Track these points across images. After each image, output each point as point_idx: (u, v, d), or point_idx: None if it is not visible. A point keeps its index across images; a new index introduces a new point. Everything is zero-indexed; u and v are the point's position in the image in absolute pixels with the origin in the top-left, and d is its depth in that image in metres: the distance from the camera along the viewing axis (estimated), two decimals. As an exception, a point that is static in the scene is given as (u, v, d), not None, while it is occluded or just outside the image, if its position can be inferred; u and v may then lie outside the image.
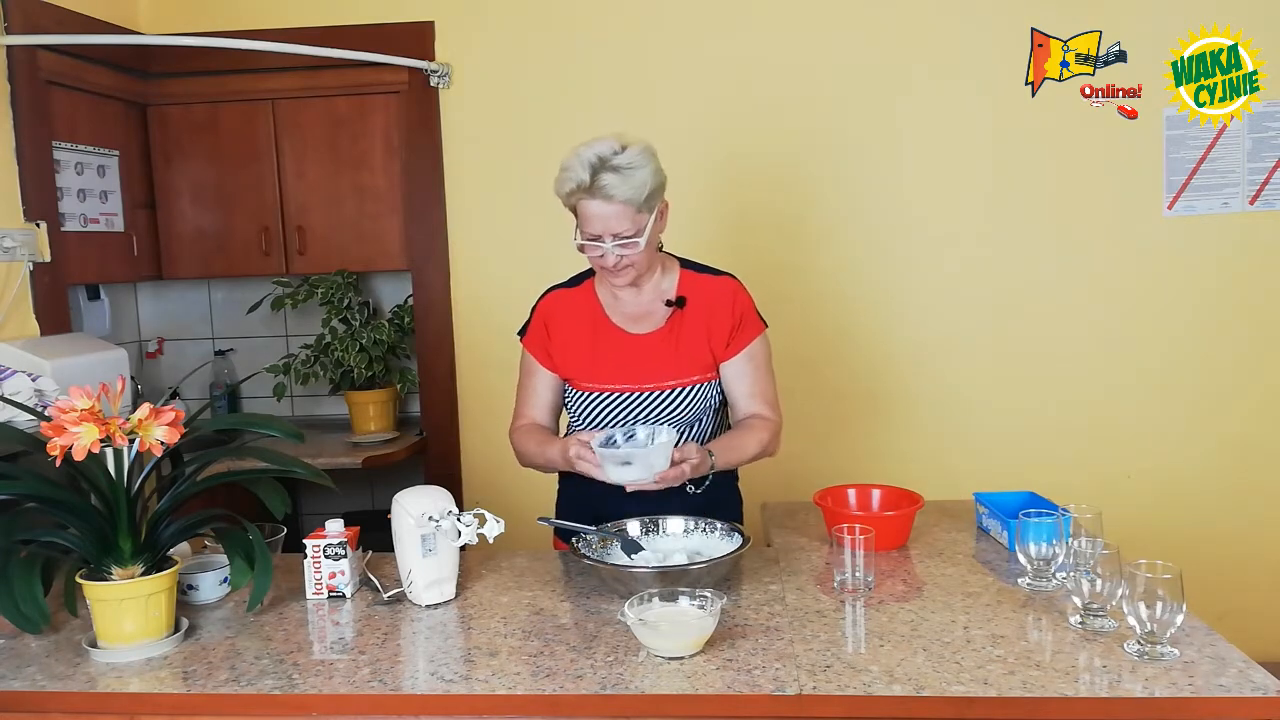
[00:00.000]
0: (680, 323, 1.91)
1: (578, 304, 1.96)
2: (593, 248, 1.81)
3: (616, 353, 1.91)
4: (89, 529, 1.49)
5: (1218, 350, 3.03)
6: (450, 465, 3.26)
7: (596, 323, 1.94)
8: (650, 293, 1.93)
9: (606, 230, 1.77)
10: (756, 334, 1.94)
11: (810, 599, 1.62)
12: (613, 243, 1.78)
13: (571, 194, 1.78)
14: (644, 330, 1.92)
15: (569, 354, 1.94)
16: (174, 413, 1.48)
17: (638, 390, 1.90)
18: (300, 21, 3.06)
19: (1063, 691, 1.28)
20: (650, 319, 1.93)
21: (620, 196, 1.74)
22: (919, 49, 3.00)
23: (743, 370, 1.93)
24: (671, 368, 1.89)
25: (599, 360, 1.92)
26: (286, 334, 3.57)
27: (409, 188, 3.18)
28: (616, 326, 1.93)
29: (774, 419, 1.94)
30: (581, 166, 1.74)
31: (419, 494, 1.66)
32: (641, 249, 1.80)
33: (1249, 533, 3.06)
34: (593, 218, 1.77)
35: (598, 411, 1.93)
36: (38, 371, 2.35)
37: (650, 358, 1.90)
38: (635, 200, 1.75)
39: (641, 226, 1.78)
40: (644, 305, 1.93)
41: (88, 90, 2.92)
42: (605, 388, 1.91)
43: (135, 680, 1.41)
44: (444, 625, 1.56)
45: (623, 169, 1.74)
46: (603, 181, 1.73)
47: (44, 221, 2.64)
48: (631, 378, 1.90)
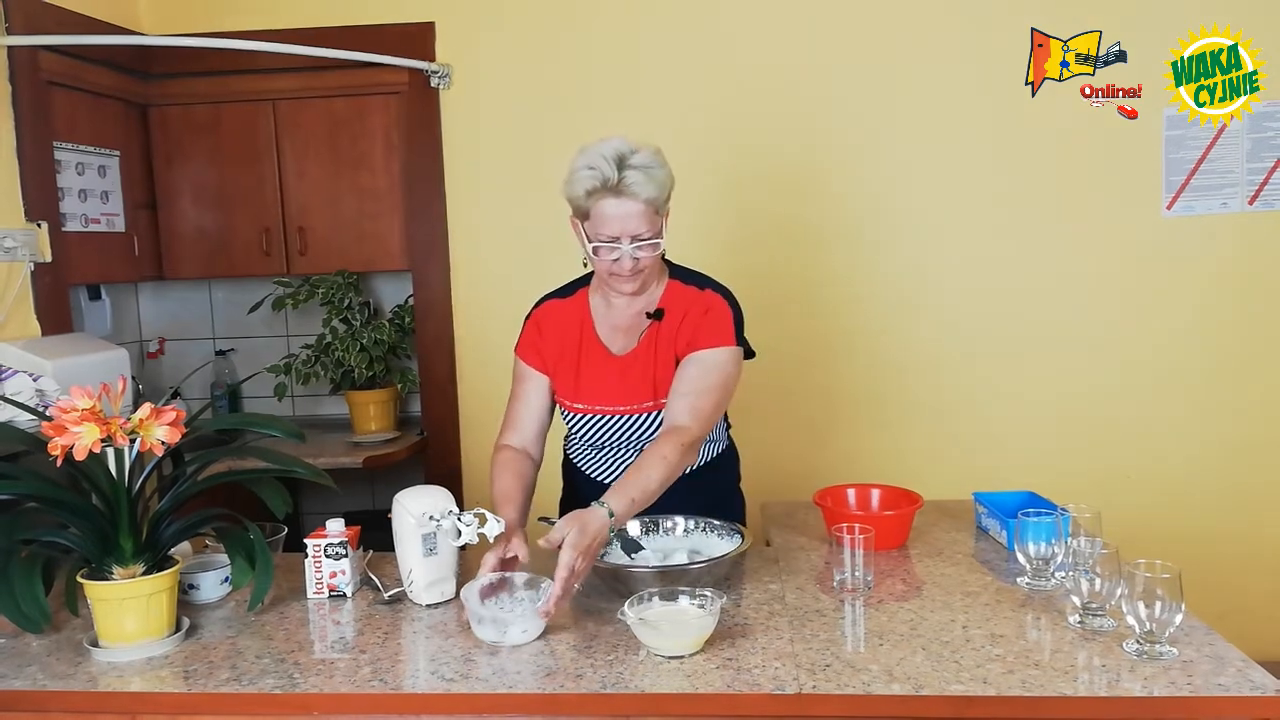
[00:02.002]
0: (657, 338, 1.84)
1: (569, 315, 1.91)
2: (608, 251, 1.72)
3: (598, 373, 1.87)
4: (90, 529, 1.49)
5: (1217, 350, 3.03)
6: (450, 465, 3.26)
7: (584, 337, 1.89)
8: (640, 302, 1.87)
9: (625, 232, 1.70)
10: (717, 344, 1.79)
11: (810, 598, 1.63)
12: (631, 245, 1.71)
13: (592, 193, 1.69)
14: (625, 347, 1.87)
15: (557, 367, 1.91)
16: (175, 413, 1.48)
17: (613, 413, 1.87)
18: (301, 22, 3.07)
19: (1062, 691, 1.28)
20: (632, 332, 1.87)
21: (644, 195, 1.68)
22: (919, 49, 3.00)
23: (685, 370, 1.79)
24: (649, 389, 1.84)
25: (582, 379, 1.88)
26: (287, 334, 3.58)
27: (409, 188, 3.19)
28: (601, 344, 1.88)
29: (690, 428, 1.73)
30: (606, 163, 1.67)
31: (419, 494, 1.67)
32: (660, 251, 1.76)
33: (1248, 533, 3.06)
34: (612, 218, 1.69)
35: (581, 431, 1.93)
36: (39, 371, 2.36)
37: (627, 381, 1.85)
38: (657, 200, 1.70)
39: (658, 228, 1.73)
40: (632, 317, 1.87)
41: (89, 91, 2.92)
42: (588, 409, 1.89)
43: (136, 679, 1.41)
44: (444, 624, 1.57)
45: (644, 167, 1.68)
46: (628, 180, 1.67)
47: (45, 222, 2.64)
48: (609, 399, 1.86)
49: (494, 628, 1.46)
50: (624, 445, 1.90)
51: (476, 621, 1.49)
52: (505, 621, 1.46)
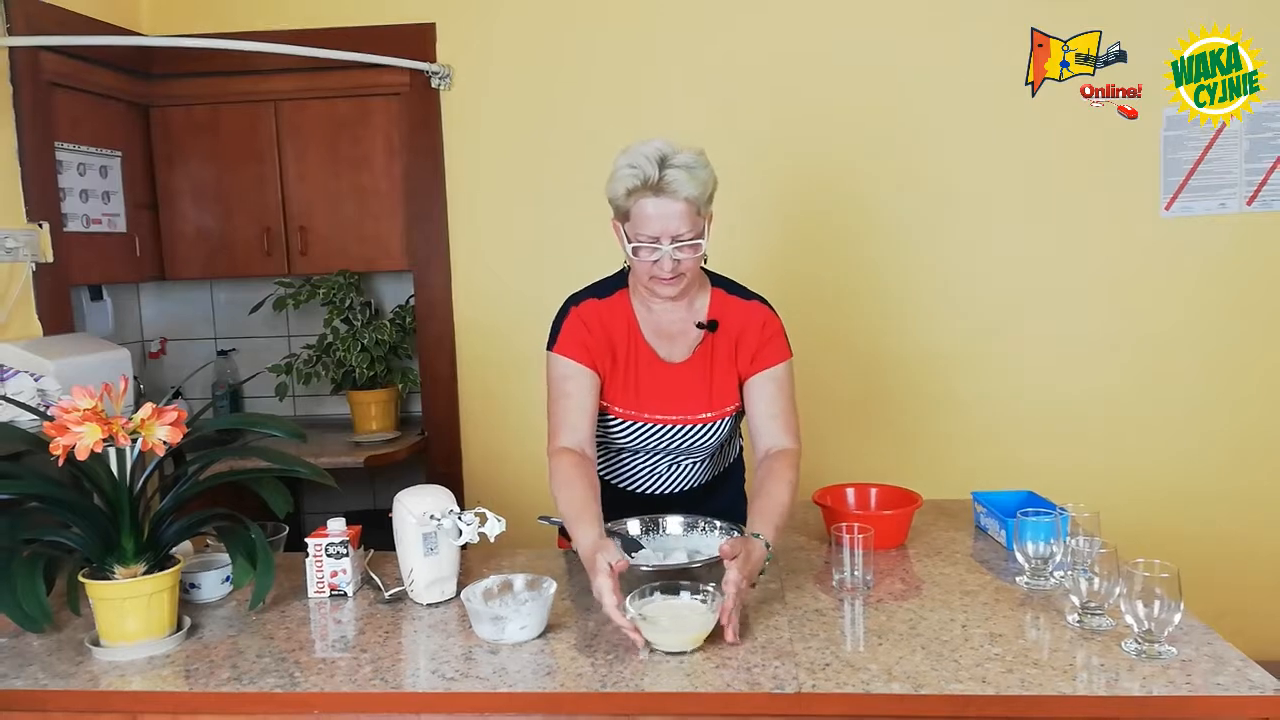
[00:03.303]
0: (712, 348, 1.84)
1: (615, 316, 1.85)
2: (648, 252, 1.70)
3: (652, 381, 1.84)
4: (92, 528, 1.50)
5: (1215, 350, 3.04)
6: (451, 464, 3.26)
7: (632, 342, 1.84)
8: (684, 309, 1.85)
9: (666, 232, 1.68)
10: (783, 359, 1.85)
11: (809, 598, 1.63)
12: (671, 246, 1.68)
13: (633, 192, 1.68)
14: (678, 355, 1.85)
15: (609, 369, 1.84)
16: (176, 412, 1.49)
17: (670, 423, 1.84)
18: (302, 23, 3.07)
19: (1060, 690, 1.28)
20: (683, 340, 1.85)
21: (685, 193, 1.66)
22: (918, 49, 3.00)
23: (764, 389, 1.83)
24: (704, 400, 1.83)
25: (634, 386, 1.84)
26: (288, 334, 3.58)
27: (410, 188, 3.19)
28: (651, 350, 1.84)
29: (794, 448, 1.81)
30: (649, 162, 1.66)
31: (420, 493, 1.67)
32: (702, 253, 1.73)
33: (1247, 532, 3.06)
34: (653, 218, 1.67)
35: (622, 436, 1.88)
36: (40, 371, 2.36)
37: (684, 389, 1.83)
38: (700, 199, 1.69)
39: (700, 229, 1.71)
40: (677, 323, 1.85)
41: (90, 91, 2.93)
42: (640, 417, 1.85)
43: (137, 679, 1.41)
44: (445, 624, 1.57)
45: (686, 167, 1.67)
46: (669, 178, 1.65)
47: (46, 222, 2.65)
48: (666, 408, 1.83)
49: (493, 625, 1.47)
50: (663, 454, 1.89)
51: (476, 619, 1.49)
52: (504, 619, 1.46)
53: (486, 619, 1.47)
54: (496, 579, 1.59)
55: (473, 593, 1.53)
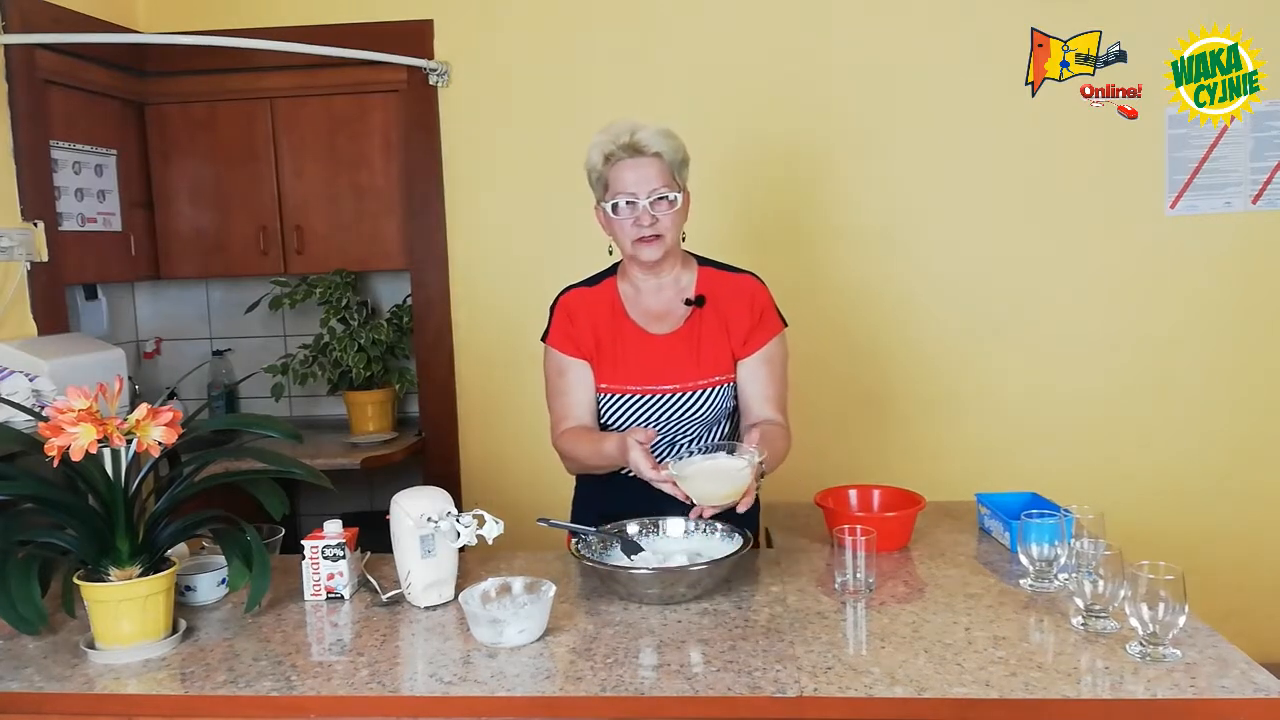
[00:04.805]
0: (700, 322, 1.90)
1: (598, 300, 1.94)
2: (628, 210, 1.81)
3: (637, 353, 1.89)
4: (87, 530, 1.49)
5: (1221, 350, 3.03)
6: (449, 466, 3.25)
7: (617, 321, 1.92)
8: (670, 289, 1.92)
9: (642, 185, 1.79)
10: (775, 333, 1.93)
11: (811, 600, 1.62)
12: (648, 199, 1.79)
13: (610, 156, 1.81)
14: (664, 330, 1.91)
15: (594, 352, 1.92)
16: (172, 413, 1.48)
17: (658, 392, 1.87)
18: (298, 20, 3.06)
19: (1065, 693, 1.27)
20: (670, 318, 1.91)
21: (657, 147, 1.80)
22: (918, 49, 2.99)
23: (757, 371, 1.91)
24: (692, 369, 1.87)
25: (619, 360, 1.90)
26: (284, 334, 3.56)
27: (408, 187, 3.18)
28: (637, 325, 1.91)
29: (786, 425, 1.92)
30: (621, 130, 1.80)
31: (418, 495, 1.66)
32: (678, 208, 1.82)
33: (1252, 534, 3.05)
34: (629, 176, 1.80)
35: (619, 413, 1.90)
36: (35, 371, 2.35)
37: (671, 358, 1.88)
38: (672, 157, 1.82)
39: (676, 189, 1.83)
40: (664, 302, 1.92)
41: (85, 89, 2.91)
42: (626, 389, 1.89)
43: (133, 681, 1.40)
44: (443, 627, 1.56)
45: (657, 130, 1.82)
46: (641, 137, 1.79)
47: (41, 221, 2.63)
48: (653, 378, 1.88)
49: (491, 628, 1.46)
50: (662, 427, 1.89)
51: (474, 623, 1.48)
52: (502, 622, 1.45)
53: (485, 622, 1.46)
54: (495, 582, 1.57)
55: (471, 595, 1.51)
